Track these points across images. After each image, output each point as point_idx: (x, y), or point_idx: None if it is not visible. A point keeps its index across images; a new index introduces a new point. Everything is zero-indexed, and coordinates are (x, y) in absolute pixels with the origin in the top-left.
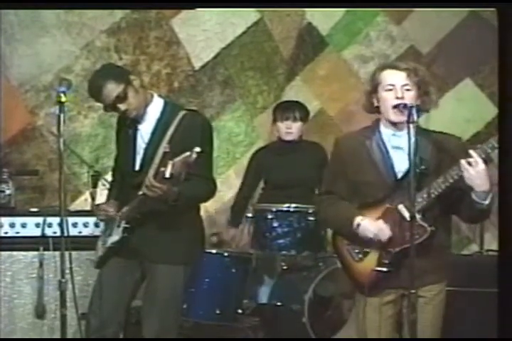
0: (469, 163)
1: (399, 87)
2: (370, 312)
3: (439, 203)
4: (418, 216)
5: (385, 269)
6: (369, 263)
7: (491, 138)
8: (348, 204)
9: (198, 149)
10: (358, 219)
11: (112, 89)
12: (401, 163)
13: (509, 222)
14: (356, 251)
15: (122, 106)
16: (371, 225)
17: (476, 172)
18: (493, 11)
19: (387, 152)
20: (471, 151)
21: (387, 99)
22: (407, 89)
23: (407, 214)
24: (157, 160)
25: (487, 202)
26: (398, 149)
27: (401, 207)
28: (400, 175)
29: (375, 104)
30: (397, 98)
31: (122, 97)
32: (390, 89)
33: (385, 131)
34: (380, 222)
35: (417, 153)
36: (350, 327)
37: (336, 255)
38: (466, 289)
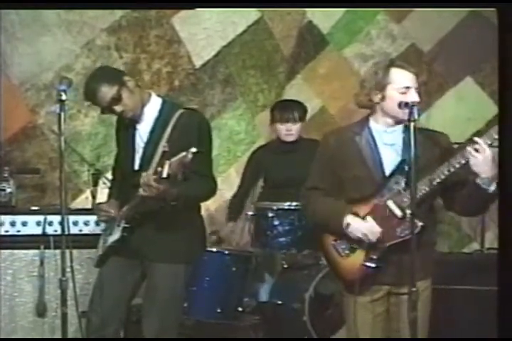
0: (476, 150)
1: (413, 90)
2: (360, 310)
3: (430, 200)
4: (409, 211)
5: (373, 265)
6: (356, 258)
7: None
8: (336, 200)
9: (193, 149)
10: (348, 219)
11: (106, 91)
12: (390, 160)
13: (509, 220)
14: (343, 246)
15: (118, 108)
16: (361, 226)
17: (484, 157)
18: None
19: (377, 148)
20: (477, 138)
21: (399, 100)
22: (417, 92)
23: (396, 210)
24: (156, 159)
25: (492, 187)
26: (388, 146)
27: (390, 203)
28: (388, 172)
29: (376, 100)
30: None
31: (117, 99)
32: (405, 92)
33: (376, 127)
34: (370, 221)
35: (408, 150)
36: None
37: (321, 251)
38: (466, 287)
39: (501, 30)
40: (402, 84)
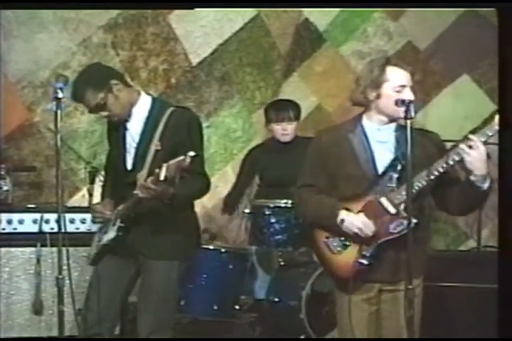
0: (470, 147)
1: (408, 89)
2: (355, 309)
3: (422, 197)
4: (402, 209)
5: (365, 262)
6: (349, 255)
7: (492, 122)
8: (328, 197)
9: (192, 153)
10: (342, 215)
11: (91, 98)
12: (383, 158)
13: (509, 218)
14: (334, 244)
15: (103, 113)
16: (356, 220)
17: (478, 155)
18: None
19: (370, 146)
20: (471, 136)
21: (395, 98)
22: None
23: (389, 207)
24: (149, 158)
25: (486, 185)
26: (381, 143)
27: (383, 200)
28: (381, 170)
29: (371, 98)
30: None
31: (102, 105)
32: (400, 91)
33: (369, 125)
34: (363, 216)
35: (401, 148)
36: None
37: (313, 249)
38: (463, 285)
39: (501, 30)
40: (398, 82)
